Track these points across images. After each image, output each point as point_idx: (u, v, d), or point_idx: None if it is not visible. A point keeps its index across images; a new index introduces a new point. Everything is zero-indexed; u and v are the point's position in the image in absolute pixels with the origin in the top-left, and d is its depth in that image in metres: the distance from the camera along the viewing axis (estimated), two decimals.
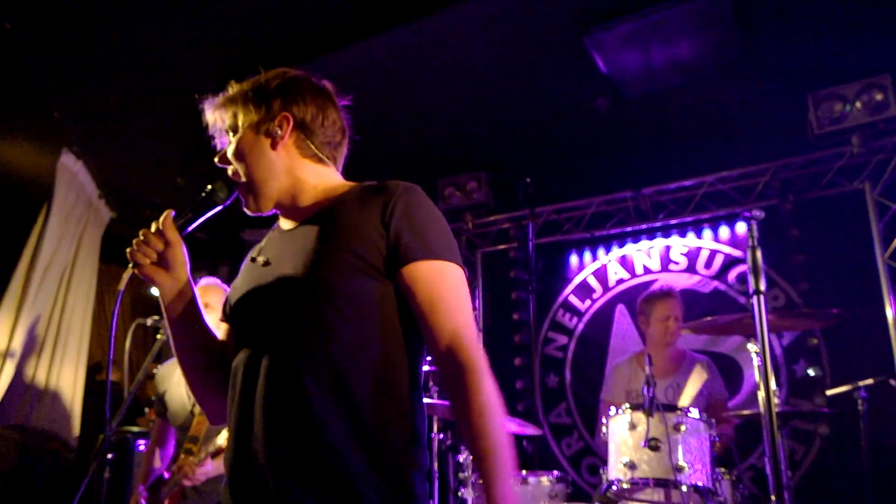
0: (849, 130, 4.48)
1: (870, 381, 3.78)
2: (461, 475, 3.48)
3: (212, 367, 1.49)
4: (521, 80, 4.44)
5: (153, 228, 1.45)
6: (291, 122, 1.46)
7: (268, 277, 1.39)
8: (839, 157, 4.66)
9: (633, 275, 5.46)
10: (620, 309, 5.41)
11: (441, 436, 3.61)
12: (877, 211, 4.54)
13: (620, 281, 5.50)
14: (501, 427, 1.26)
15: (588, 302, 5.58)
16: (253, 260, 1.49)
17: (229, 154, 1.47)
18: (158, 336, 3.41)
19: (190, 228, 1.49)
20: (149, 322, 3.49)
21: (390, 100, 4.46)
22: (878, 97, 4.38)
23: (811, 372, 4.59)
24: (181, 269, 1.47)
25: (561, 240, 5.67)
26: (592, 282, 5.61)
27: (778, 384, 4.62)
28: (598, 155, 5.31)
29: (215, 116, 1.51)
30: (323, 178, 1.50)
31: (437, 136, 4.98)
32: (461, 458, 3.49)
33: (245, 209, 1.50)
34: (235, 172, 1.48)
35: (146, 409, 4.73)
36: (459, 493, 3.45)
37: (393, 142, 4.24)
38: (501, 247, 5.92)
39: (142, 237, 1.45)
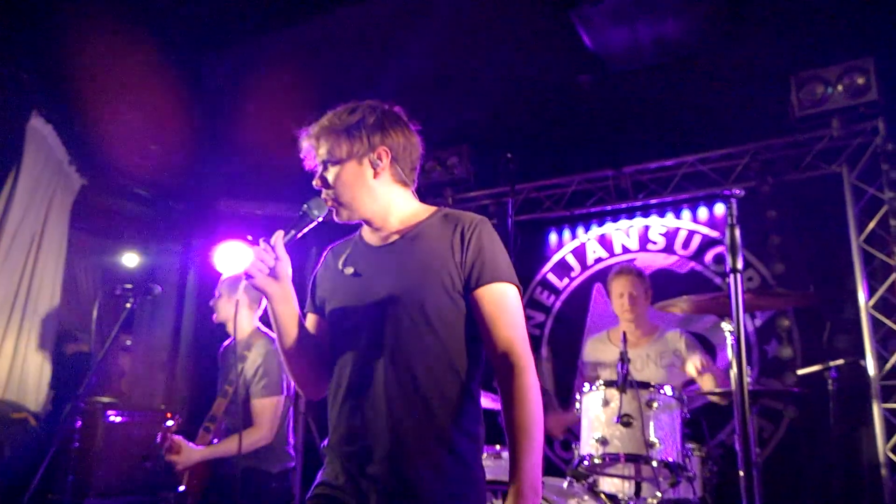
0: (829, 113, 4.49)
1: (840, 362, 3.84)
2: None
3: (310, 355, 1.78)
4: (506, 54, 4.39)
5: (262, 246, 1.70)
6: (390, 155, 1.75)
7: (367, 290, 1.71)
8: (819, 139, 4.67)
9: (612, 254, 5.46)
10: (598, 288, 5.42)
11: None
12: (853, 194, 4.56)
13: (599, 260, 5.50)
14: (539, 420, 1.60)
15: (566, 280, 5.59)
16: (342, 269, 1.80)
17: (331, 180, 1.75)
18: (127, 305, 3.36)
19: (291, 241, 1.75)
20: (118, 291, 3.43)
21: (371, 70, 4.38)
22: (860, 81, 4.39)
23: (784, 353, 4.63)
24: (287, 280, 1.72)
25: (541, 217, 5.65)
26: (571, 260, 5.61)
27: (750, 363, 4.67)
28: (579, 132, 5.27)
29: (311, 144, 1.77)
30: (406, 201, 1.81)
31: (418, 108, 4.89)
32: None
33: (335, 218, 1.79)
34: (331, 197, 1.75)
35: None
36: None
37: None
38: None
39: (257, 254, 1.69)
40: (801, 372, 4.25)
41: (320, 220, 1.76)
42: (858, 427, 4.26)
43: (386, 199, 1.77)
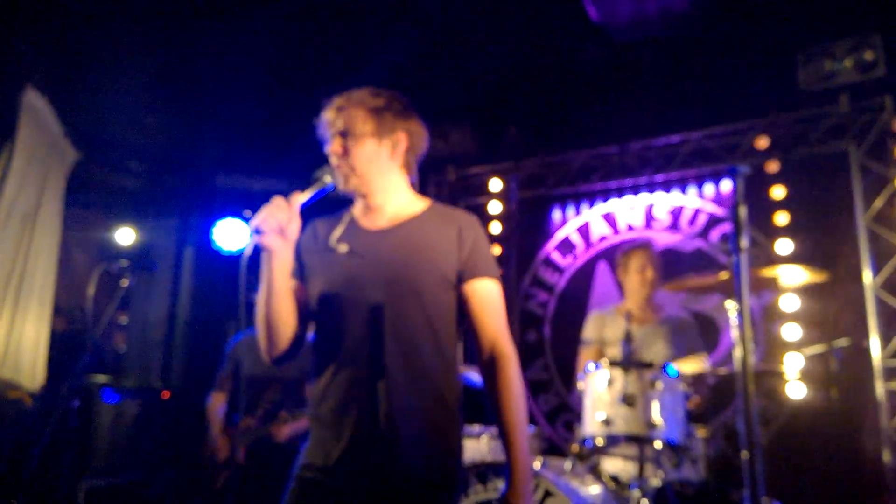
0: (837, 89, 4.42)
1: (844, 342, 3.81)
2: None
3: (292, 320, 1.84)
4: (510, 25, 4.29)
5: (278, 203, 1.73)
6: (408, 141, 1.89)
7: (366, 272, 1.80)
8: (826, 116, 4.59)
9: (616, 231, 5.40)
10: (602, 267, 5.37)
11: None
12: (860, 172, 4.49)
13: (603, 238, 5.44)
14: (524, 405, 1.78)
15: (570, 258, 5.53)
16: (334, 246, 1.87)
17: (349, 150, 1.83)
18: (123, 282, 3.32)
19: (303, 207, 1.79)
20: (113, 268, 3.39)
21: (371, 42, 4.29)
22: (868, 56, 4.30)
23: (789, 332, 4.59)
24: (293, 241, 1.78)
25: (544, 194, 5.58)
26: (575, 238, 5.54)
27: (754, 343, 4.63)
28: (584, 106, 5.18)
29: (332, 115, 1.86)
30: (404, 188, 1.94)
31: (420, 80, 4.80)
32: None
33: (342, 186, 1.87)
34: (347, 165, 1.84)
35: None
36: None
37: (374, 85, 4.09)
38: (483, 199, 5.81)
39: (271, 210, 1.71)
40: (805, 352, 4.21)
41: (332, 187, 1.85)
42: (862, 406, 4.24)
43: (391, 180, 1.90)
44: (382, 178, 1.88)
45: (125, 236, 5.28)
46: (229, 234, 5.30)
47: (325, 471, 1.73)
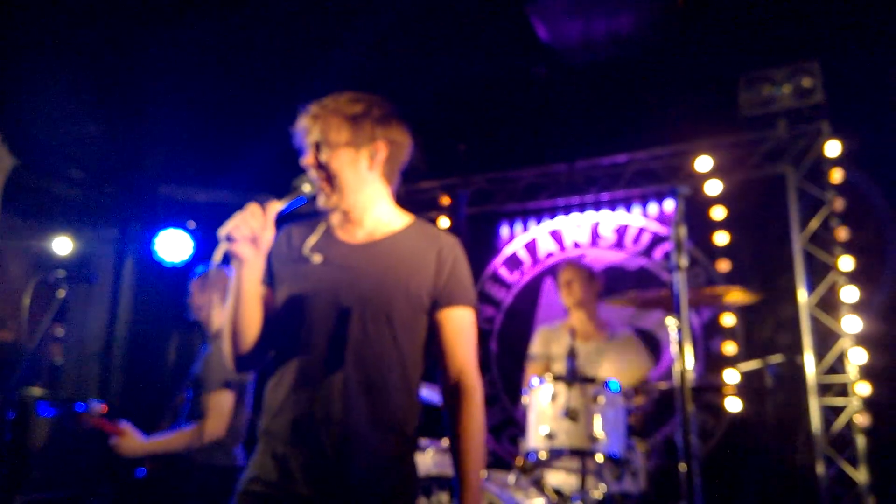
0: (776, 114, 4.58)
1: (778, 358, 3.95)
2: None
3: (257, 328, 1.77)
4: (459, 43, 4.34)
5: (252, 210, 1.65)
6: (388, 150, 1.79)
7: (338, 285, 1.74)
8: (765, 139, 4.75)
9: (563, 248, 5.48)
10: (548, 283, 5.44)
11: None
12: (797, 194, 4.66)
13: (550, 254, 5.52)
14: (484, 437, 1.77)
15: (517, 274, 5.58)
16: (308, 254, 1.80)
17: (326, 162, 1.75)
18: (60, 293, 3.22)
19: (279, 216, 1.73)
20: (50, 279, 3.29)
21: (316, 55, 4.28)
22: (806, 83, 4.47)
23: (727, 349, 4.73)
24: (265, 251, 1.71)
25: (493, 209, 5.64)
26: (522, 254, 5.61)
27: (694, 359, 4.75)
28: (533, 124, 5.27)
29: (307, 123, 1.77)
30: (385, 201, 1.86)
31: (369, 94, 4.81)
32: None
33: (321, 203, 1.80)
34: (323, 179, 1.76)
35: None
36: None
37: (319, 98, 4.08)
38: (432, 214, 5.83)
39: (246, 214, 1.64)
40: (742, 368, 4.34)
41: (310, 198, 1.77)
42: (796, 421, 4.37)
43: (371, 193, 1.81)
44: (360, 190, 1.79)
45: (62, 246, 5.10)
46: (171, 245, 5.19)
47: (277, 486, 1.67)
